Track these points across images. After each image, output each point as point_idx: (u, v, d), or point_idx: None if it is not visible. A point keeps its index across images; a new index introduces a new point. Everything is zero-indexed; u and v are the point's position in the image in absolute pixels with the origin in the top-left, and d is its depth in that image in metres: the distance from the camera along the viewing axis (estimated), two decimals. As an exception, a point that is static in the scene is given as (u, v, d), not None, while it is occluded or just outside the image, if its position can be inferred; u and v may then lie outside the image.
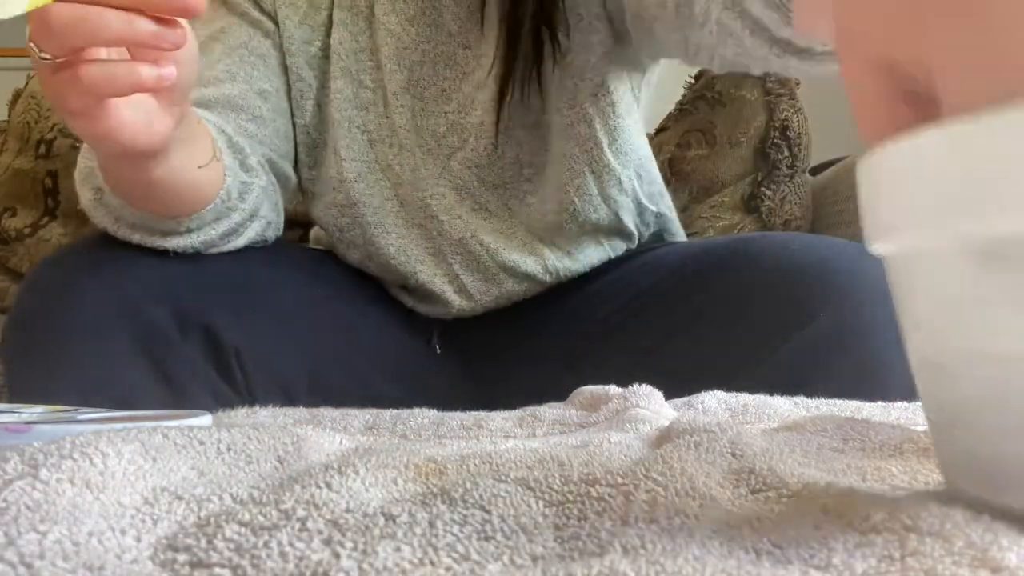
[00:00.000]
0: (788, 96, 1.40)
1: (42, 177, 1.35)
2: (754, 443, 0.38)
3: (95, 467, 0.29)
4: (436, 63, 0.83)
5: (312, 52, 0.85)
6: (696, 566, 0.22)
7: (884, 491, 0.31)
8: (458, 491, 0.29)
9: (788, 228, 1.37)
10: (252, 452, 0.35)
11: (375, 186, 0.86)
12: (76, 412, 0.49)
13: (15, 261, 1.36)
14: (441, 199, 0.85)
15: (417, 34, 0.82)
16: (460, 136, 0.84)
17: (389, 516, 0.27)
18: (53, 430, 0.41)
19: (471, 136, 0.84)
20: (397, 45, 0.83)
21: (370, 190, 0.86)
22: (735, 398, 0.59)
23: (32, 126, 1.36)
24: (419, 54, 0.83)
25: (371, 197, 0.86)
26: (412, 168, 0.85)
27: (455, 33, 0.82)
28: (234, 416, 0.58)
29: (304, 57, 0.85)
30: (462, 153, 0.85)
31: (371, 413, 0.61)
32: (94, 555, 0.23)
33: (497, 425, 0.55)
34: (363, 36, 0.84)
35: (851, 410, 0.56)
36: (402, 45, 0.83)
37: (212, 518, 0.27)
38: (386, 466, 0.32)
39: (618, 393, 0.59)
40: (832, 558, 0.23)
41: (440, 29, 0.82)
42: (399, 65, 0.83)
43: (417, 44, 0.82)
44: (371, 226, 0.87)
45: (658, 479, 0.30)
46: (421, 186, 0.85)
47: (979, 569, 0.22)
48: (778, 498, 0.30)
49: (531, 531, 0.26)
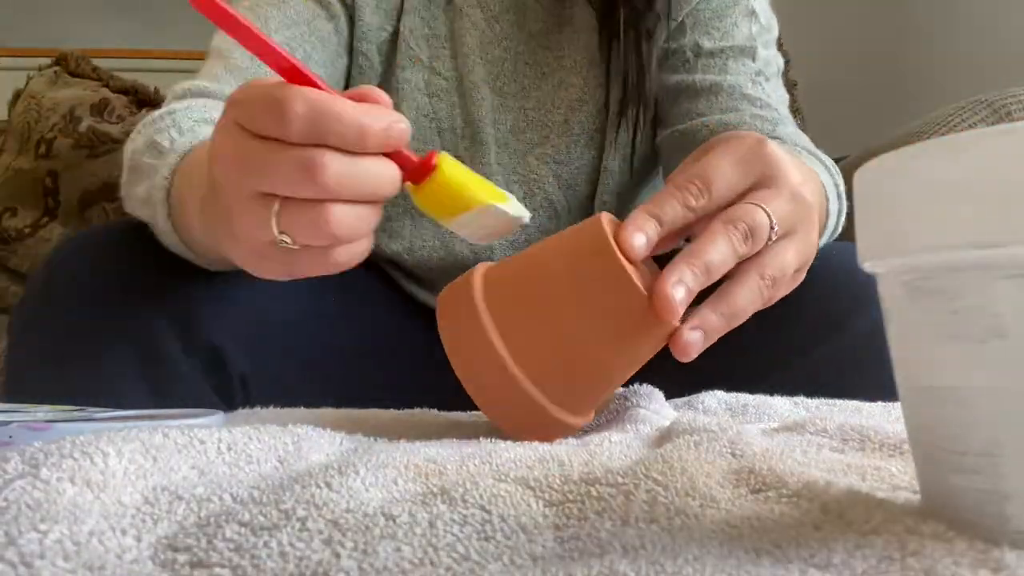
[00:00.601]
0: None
1: (42, 177, 1.35)
2: (754, 443, 0.38)
3: (96, 466, 0.29)
4: (517, 61, 0.84)
5: (383, 37, 0.84)
6: (696, 566, 0.22)
7: (884, 491, 0.31)
8: (458, 491, 0.29)
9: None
10: (252, 452, 0.35)
11: None
12: (85, 411, 0.49)
13: (15, 261, 1.36)
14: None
15: (501, 31, 0.83)
16: (540, 133, 0.85)
17: (389, 516, 0.27)
18: (74, 428, 0.41)
19: (552, 133, 0.85)
20: (481, 39, 0.83)
21: None
22: (735, 398, 0.59)
23: (32, 126, 1.36)
24: (501, 50, 0.84)
25: None
26: (482, 161, 0.85)
27: (535, 34, 0.84)
28: (235, 416, 0.58)
29: (376, 43, 0.84)
30: (540, 149, 0.85)
31: (371, 413, 0.61)
32: (94, 555, 0.23)
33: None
34: (437, 23, 0.84)
35: (851, 410, 0.56)
36: (486, 39, 0.83)
37: (212, 518, 0.27)
38: (386, 466, 0.32)
39: (618, 393, 0.59)
40: (832, 558, 0.23)
41: (522, 28, 0.84)
42: (481, 58, 0.84)
43: (500, 40, 0.84)
44: (423, 218, 0.86)
45: (658, 479, 0.30)
46: (489, 179, 0.85)
47: (979, 569, 0.22)
48: (778, 498, 0.30)
49: (531, 531, 0.26)
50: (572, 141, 0.85)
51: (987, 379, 0.23)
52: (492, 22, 0.83)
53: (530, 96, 0.85)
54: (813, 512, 0.27)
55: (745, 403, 0.58)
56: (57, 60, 1.45)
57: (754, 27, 0.83)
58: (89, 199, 1.34)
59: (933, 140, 0.23)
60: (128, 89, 1.40)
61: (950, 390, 0.24)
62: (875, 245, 0.26)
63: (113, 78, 1.42)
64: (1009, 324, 0.22)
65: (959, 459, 0.24)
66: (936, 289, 0.23)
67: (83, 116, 1.35)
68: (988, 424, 0.23)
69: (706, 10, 0.82)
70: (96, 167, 1.33)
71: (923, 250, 0.23)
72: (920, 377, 0.25)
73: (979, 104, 1.10)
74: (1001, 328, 0.22)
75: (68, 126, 1.35)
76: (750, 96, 0.79)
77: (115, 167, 1.33)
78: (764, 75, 0.81)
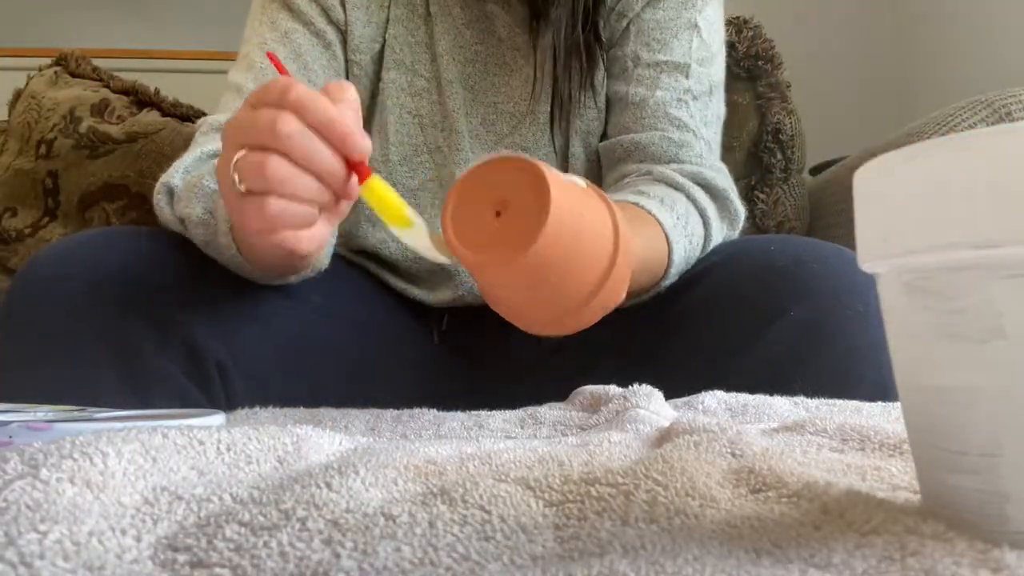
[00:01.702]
0: (780, 99, 1.40)
1: (42, 177, 1.35)
2: (754, 443, 0.38)
3: (95, 467, 0.29)
4: (487, 62, 0.90)
5: (374, 48, 0.91)
6: (696, 566, 0.22)
7: (884, 491, 0.31)
8: (458, 491, 0.29)
9: (781, 230, 1.37)
10: (252, 452, 0.35)
11: (418, 168, 0.92)
12: (85, 411, 0.49)
13: (15, 261, 1.36)
14: None
15: (472, 36, 0.90)
16: (509, 123, 0.91)
17: (389, 516, 0.27)
18: (74, 428, 0.41)
19: (521, 124, 0.91)
20: (453, 43, 0.90)
21: (412, 172, 0.92)
22: (735, 398, 0.59)
23: (32, 126, 1.36)
24: (472, 53, 0.90)
25: (411, 179, 0.92)
26: (459, 149, 0.91)
27: (504, 39, 0.90)
28: (234, 416, 0.58)
29: (370, 54, 0.91)
30: (510, 139, 0.91)
31: (371, 413, 0.61)
32: (94, 555, 0.23)
33: (498, 426, 0.55)
34: (419, 31, 0.91)
35: (851, 410, 0.56)
36: (457, 44, 0.90)
37: (212, 518, 0.27)
38: (386, 466, 0.32)
39: (618, 393, 0.59)
40: (832, 558, 0.23)
41: (492, 35, 0.90)
42: (454, 60, 0.90)
43: (471, 45, 0.90)
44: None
45: (658, 479, 0.30)
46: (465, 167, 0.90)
47: (979, 569, 0.22)
48: (778, 498, 0.30)
49: (531, 531, 0.26)
50: (539, 130, 0.90)
51: (987, 379, 0.23)
52: (463, 29, 0.90)
53: (499, 91, 0.91)
54: (813, 512, 0.27)
55: (745, 403, 0.58)
56: (57, 60, 1.44)
57: (694, 42, 0.87)
58: (89, 199, 1.34)
59: (933, 140, 0.23)
60: (128, 89, 1.40)
61: (950, 390, 0.24)
62: (875, 245, 0.26)
63: (113, 78, 1.42)
64: (1009, 324, 0.22)
65: (959, 459, 0.24)
66: (936, 289, 0.23)
67: (83, 116, 1.35)
68: (988, 424, 0.23)
69: (650, 20, 0.86)
70: (96, 167, 1.33)
71: (923, 250, 0.23)
72: (920, 377, 0.25)
73: (979, 104, 1.10)
74: (1001, 328, 0.22)
75: (68, 126, 1.35)
76: (671, 116, 0.84)
77: (115, 167, 1.33)
78: (692, 93, 0.86)
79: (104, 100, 1.37)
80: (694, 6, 0.87)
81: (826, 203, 1.40)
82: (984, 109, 1.09)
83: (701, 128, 0.86)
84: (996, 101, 1.08)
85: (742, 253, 0.79)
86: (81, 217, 1.34)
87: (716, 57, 0.89)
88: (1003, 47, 1.67)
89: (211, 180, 0.70)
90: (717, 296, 0.77)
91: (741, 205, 0.85)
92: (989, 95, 1.10)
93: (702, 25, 0.87)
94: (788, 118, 1.40)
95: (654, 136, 0.84)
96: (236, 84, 0.84)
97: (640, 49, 0.86)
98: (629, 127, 0.86)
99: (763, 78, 1.40)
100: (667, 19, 0.86)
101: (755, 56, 1.39)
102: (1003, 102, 1.07)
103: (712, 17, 0.89)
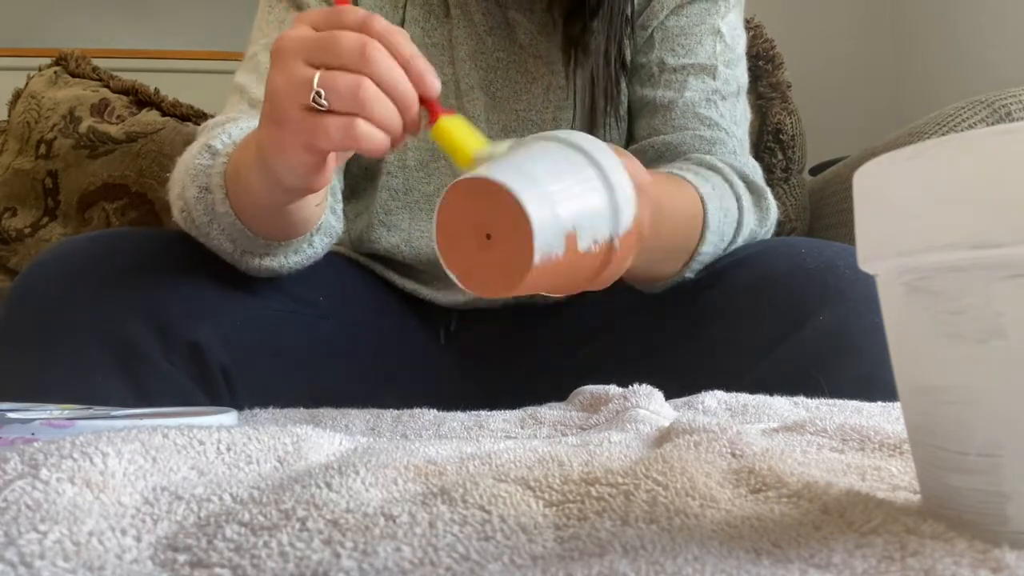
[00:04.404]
0: (780, 99, 1.40)
1: (42, 177, 1.35)
2: (754, 443, 0.38)
3: (95, 467, 0.29)
4: (509, 68, 0.90)
5: None
6: (696, 566, 0.22)
7: (884, 491, 0.31)
8: (458, 491, 0.29)
9: (782, 230, 1.37)
10: (252, 452, 0.35)
11: (434, 173, 0.91)
12: (105, 409, 0.49)
13: (15, 261, 1.36)
14: None
15: (493, 43, 0.89)
16: (531, 131, 0.89)
17: (389, 516, 0.27)
18: (93, 425, 0.41)
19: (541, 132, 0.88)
20: (475, 49, 0.89)
21: (428, 177, 0.91)
22: (735, 398, 0.59)
23: (32, 126, 1.36)
24: (494, 60, 0.89)
25: (427, 184, 0.91)
26: None
27: (526, 45, 0.89)
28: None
29: None
30: None
31: (371, 413, 0.61)
32: (94, 555, 0.23)
33: (498, 426, 0.55)
34: (436, 32, 0.89)
35: (851, 410, 0.56)
36: (479, 50, 0.89)
37: (212, 518, 0.27)
38: (386, 466, 0.32)
39: (618, 393, 0.59)
40: (832, 558, 0.23)
41: (513, 42, 0.90)
42: (476, 66, 0.89)
43: (492, 51, 0.89)
44: (422, 212, 0.91)
45: (658, 479, 0.30)
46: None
47: (979, 569, 0.21)
48: (778, 498, 0.30)
49: (531, 531, 0.26)
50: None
51: (987, 379, 0.23)
52: (484, 36, 0.89)
53: (520, 98, 0.90)
54: (813, 512, 0.27)
55: (745, 403, 0.58)
56: (57, 60, 1.44)
57: (718, 46, 0.87)
58: (89, 199, 1.34)
59: (933, 140, 0.23)
60: (128, 89, 1.40)
61: (950, 390, 0.24)
62: (875, 245, 0.26)
63: (113, 78, 1.42)
64: (1009, 324, 0.22)
65: (959, 459, 0.24)
66: (936, 289, 0.23)
67: (83, 116, 1.35)
68: (988, 424, 0.23)
69: (674, 27, 0.87)
70: (96, 167, 1.33)
71: (923, 250, 0.23)
72: (920, 377, 0.25)
73: (979, 104, 1.10)
74: (1001, 328, 0.22)
75: (68, 126, 1.35)
76: (701, 115, 0.84)
77: (115, 167, 1.33)
78: (721, 94, 0.86)
79: (104, 100, 1.37)
80: (717, 12, 0.87)
81: (826, 203, 1.40)
82: (984, 109, 1.09)
83: (732, 127, 0.86)
84: (996, 101, 1.08)
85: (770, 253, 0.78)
86: (81, 217, 1.34)
87: (740, 61, 0.90)
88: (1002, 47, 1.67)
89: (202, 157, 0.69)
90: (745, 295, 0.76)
91: (775, 204, 0.84)
92: (989, 95, 1.10)
93: (725, 30, 0.87)
94: (788, 118, 1.40)
95: (686, 135, 0.84)
96: (241, 85, 0.84)
97: (665, 55, 0.86)
98: (659, 129, 0.86)
99: (763, 78, 1.40)
100: (691, 25, 0.87)
101: (755, 56, 1.39)
102: (1003, 102, 1.07)
103: (734, 23, 0.89)
